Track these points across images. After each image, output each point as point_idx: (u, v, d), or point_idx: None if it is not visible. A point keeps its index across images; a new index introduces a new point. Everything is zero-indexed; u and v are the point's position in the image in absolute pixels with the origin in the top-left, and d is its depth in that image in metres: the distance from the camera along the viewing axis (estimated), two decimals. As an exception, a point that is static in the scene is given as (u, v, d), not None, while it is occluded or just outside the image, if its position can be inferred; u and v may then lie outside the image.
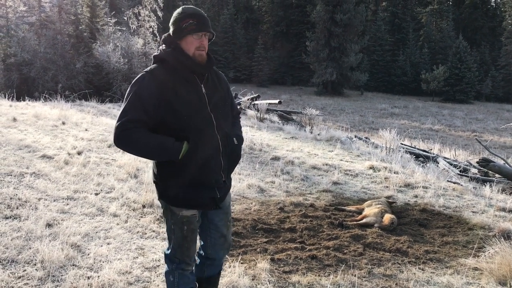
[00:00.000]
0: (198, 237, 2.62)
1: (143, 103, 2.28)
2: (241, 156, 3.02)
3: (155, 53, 2.49)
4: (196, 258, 2.72)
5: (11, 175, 5.20)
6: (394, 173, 7.20)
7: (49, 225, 3.97)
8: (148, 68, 2.42)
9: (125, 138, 2.26)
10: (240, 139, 2.63)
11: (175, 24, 2.42)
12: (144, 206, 4.77)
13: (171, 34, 2.46)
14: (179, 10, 2.47)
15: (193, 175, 2.37)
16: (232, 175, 2.73)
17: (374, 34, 49.06)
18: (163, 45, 2.47)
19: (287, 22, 51.64)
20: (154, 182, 2.52)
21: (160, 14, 18.94)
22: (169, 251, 2.57)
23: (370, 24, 50.55)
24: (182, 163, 2.33)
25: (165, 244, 3.95)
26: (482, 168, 8.25)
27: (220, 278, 3.27)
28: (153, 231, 4.21)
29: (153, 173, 2.51)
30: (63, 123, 8.86)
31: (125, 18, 19.07)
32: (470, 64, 43.40)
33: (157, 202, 4.84)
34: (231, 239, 2.76)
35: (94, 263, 3.43)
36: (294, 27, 51.04)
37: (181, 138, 2.32)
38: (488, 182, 7.11)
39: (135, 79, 2.38)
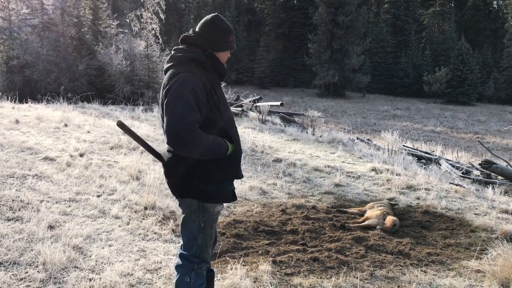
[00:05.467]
0: None
1: (198, 103, 2.32)
2: (242, 157, 3.17)
3: (188, 54, 2.45)
4: None
5: (14, 177, 5.21)
6: (396, 175, 7.18)
7: (51, 227, 3.98)
8: (187, 68, 2.39)
9: (193, 139, 2.25)
10: None
11: (221, 36, 2.52)
12: (146, 208, 4.77)
13: (207, 41, 2.50)
14: (221, 21, 2.53)
15: (230, 170, 2.55)
16: None
17: (376, 36, 49.06)
18: (192, 47, 2.49)
19: (289, 24, 51.72)
20: (184, 182, 2.46)
21: (162, 16, 18.94)
22: (189, 252, 2.53)
23: (372, 26, 50.52)
24: (223, 159, 2.46)
25: (166, 246, 3.95)
26: (484, 170, 8.24)
27: (222, 280, 3.28)
28: (155, 233, 4.21)
29: (185, 173, 2.44)
30: (66, 125, 8.88)
31: (128, 20, 19.07)
32: (472, 66, 43.32)
33: (159, 204, 4.85)
34: None
35: (96, 265, 3.43)
36: (296, 29, 51.12)
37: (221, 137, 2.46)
38: (490, 184, 7.09)
39: (180, 79, 2.32)
